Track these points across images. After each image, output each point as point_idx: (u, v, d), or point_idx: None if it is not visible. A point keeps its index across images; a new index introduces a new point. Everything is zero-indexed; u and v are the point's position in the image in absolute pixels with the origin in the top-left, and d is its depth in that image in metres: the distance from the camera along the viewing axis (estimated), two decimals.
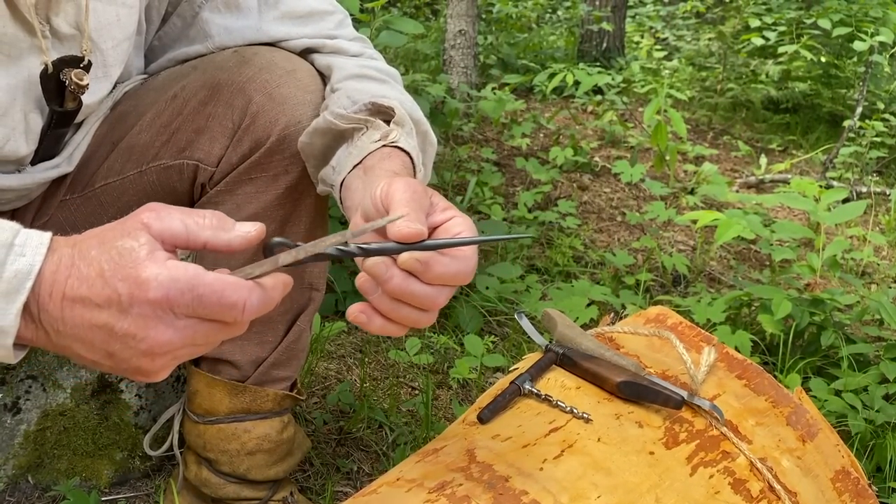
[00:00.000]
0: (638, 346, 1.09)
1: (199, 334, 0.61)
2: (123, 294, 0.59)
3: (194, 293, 0.59)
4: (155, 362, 0.61)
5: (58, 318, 0.59)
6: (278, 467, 1.10)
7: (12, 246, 0.58)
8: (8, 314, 0.58)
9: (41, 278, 0.59)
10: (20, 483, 1.14)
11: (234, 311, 0.61)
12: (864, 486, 1.01)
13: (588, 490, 0.79)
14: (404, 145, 0.86)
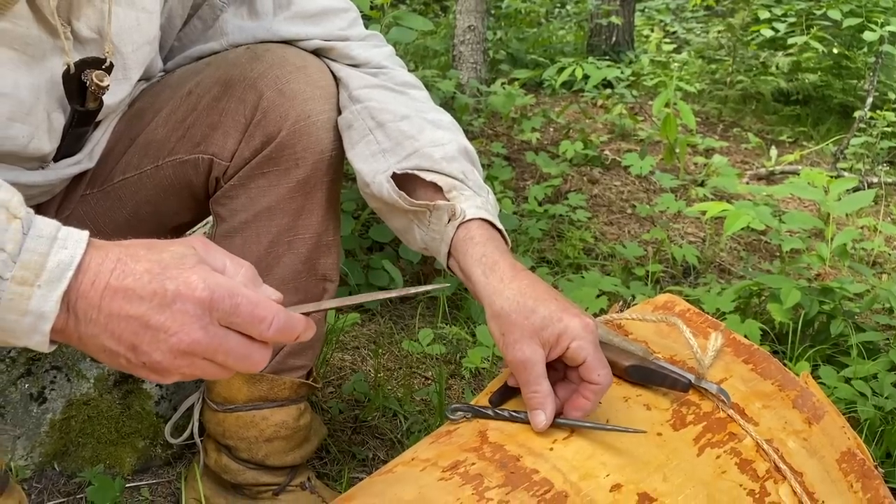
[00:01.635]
0: (646, 332, 1.11)
1: (225, 344, 0.64)
2: (170, 290, 0.62)
3: (233, 300, 0.64)
4: (175, 361, 0.64)
5: (94, 307, 0.62)
6: (296, 453, 1.13)
7: (55, 239, 0.62)
8: (49, 300, 0.60)
9: (83, 269, 0.62)
10: (47, 470, 1.18)
11: (262, 324, 0.65)
12: (869, 467, 1.03)
13: (597, 469, 0.81)
14: (473, 214, 0.93)
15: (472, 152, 1.02)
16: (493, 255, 0.90)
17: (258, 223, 1.04)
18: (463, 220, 0.92)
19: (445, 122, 1.03)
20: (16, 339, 0.62)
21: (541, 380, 0.84)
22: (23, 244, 0.60)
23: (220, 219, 1.07)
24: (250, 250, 1.05)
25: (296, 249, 1.05)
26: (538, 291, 0.86)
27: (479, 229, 0.92)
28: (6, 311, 0.60)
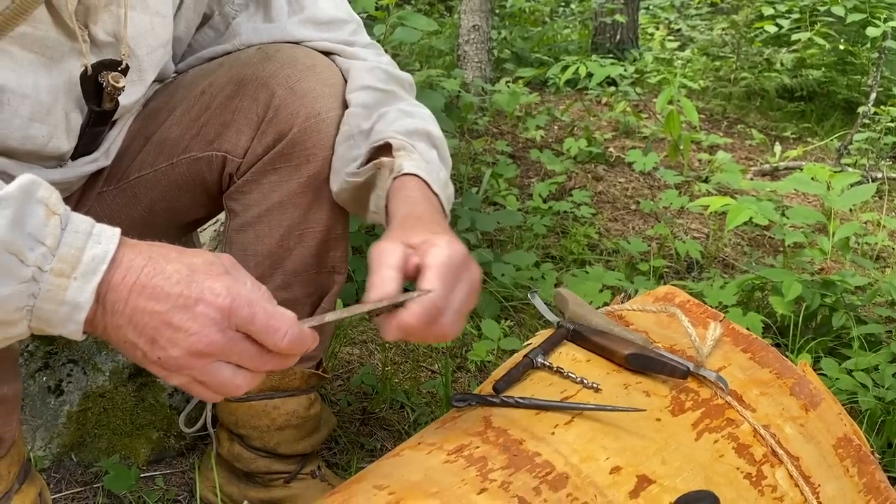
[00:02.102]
0: (647, 322, 1.14)
1: (239, 350, 0.68)
2: (195, 293, 0.66)
3: (251, 309, 0.68)
4: (190, 360, 0.67)
5: (122, 300, 0.66)
6: (306, 442, 1.17)
7: (91, 234, 0.66)
8: (85, 292, 0.65)
9: (115, 264, 0.66)
10: (64, 460, 1.21)
11: (276, 334, 0.69)
12: (866, 452, 1.05)
13: (597, 452, 0.84)
14: (409, 169, 0.95)
15: (434, 137, 1.04)
16: (414, 198, 0.92)
17: (270, 217, 1.07)
18: (400, 172, 0.94)
19: (419, 114, 1.06)
20: (51, 328, 0.66)
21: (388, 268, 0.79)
22: (61, 239, 0.64)
23: (233, 214, 1.10)
24: (262, 244, 1.08)
25: (306, 243, 1.08)
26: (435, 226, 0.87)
27: (413, 182, 0.94)
28: (45, 301, 0.64)
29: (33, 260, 0.64)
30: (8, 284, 0.63)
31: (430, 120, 1.07)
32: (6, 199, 0.63)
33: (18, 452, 0.92)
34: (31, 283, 0.64)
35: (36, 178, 0.67)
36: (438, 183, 0.97)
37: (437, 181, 0.97)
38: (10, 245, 0.63)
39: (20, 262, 0.63)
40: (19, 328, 0.66)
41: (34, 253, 0.64)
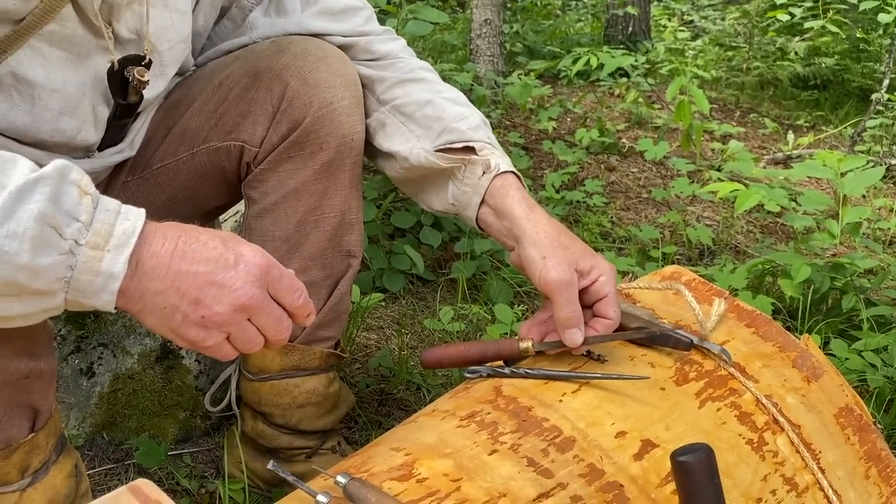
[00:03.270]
0: (653, 300, 1.17)
1: (269, 307, 0.75)
2: (233, 255, 0.74)
3: (280, 270, 0.76)
4: (233, 315, 0.74)
5: (164, 265, 0.72)
6: (326, 419, 1.21)
7: (119, 212, 0.72)
8: (118, 262, 0.70)
9: (147, 237, 0.72)
10: (96, 439, 1.27)
11: (295, 294, 0.77)
12: (867, 422, 1.08)
13: (603, 418, 0.88)
14: (506, 167, 1.05)
15: (487, 122, 1.13)
16: (532, 200, 1.03)
17: (287, 204, 1.12)
18: (498, 171, 1.04)
19: (462, 99, 1.15)
20: (87, 299, 0.71)
21: (576, 301, 0.95)
22: (94, 216, 0.70)
23: (251, 201, 1.15)
24: (280, 229, 1.13)
25: (322, 227, 1.13)
26: (571, 235, 1.01)
27: (515, 180, 1.04)
28: (81, 272, 0.70)
29: (70, 234, 0.69)
30: (49, 255, 0.68)
31: (470, 104, 1.15)
32: (45, 177, 0.69)
33: (55, 425, 0.97)
34: (69, 255, 0.69)
35: (68, 161, 0.72)
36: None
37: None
38: (50, 219, 0.68)
39: (59, 236, 0.69)
40: (56, 300, 0.71)
41: (70, 228, 0.69)
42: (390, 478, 0.74)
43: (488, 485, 0.75)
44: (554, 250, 0.96)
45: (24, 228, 0.67)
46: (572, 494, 0.76)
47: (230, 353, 0.77)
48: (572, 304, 0.94)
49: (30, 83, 0.92)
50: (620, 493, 0.79)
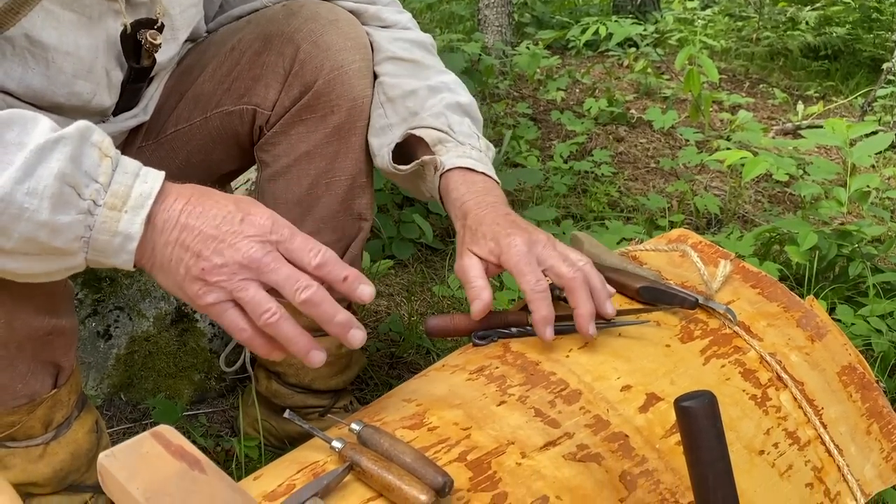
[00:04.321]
0: (659, 262, 1.19)
1: (276, 267, 0.73)
2: (241, 213, 0.75)
3: (291, 230, 0.75)
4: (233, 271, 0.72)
5: (173, 219, 0.74)
6: (338, 378, 1.24)
7: (138, 174, 0.74)
8: (135, 223, 0.72)
9: (163, 195, 0.74)
10: (114, 399, 1.30)
11: (311, 252, 0.75)
12: (869, 380, 1.10)
13: (609, 373, 0.90)
14: (451, 164, 1.04)
15: (465, 104, 1.12)
16: (465, 196, 1.01)
17: (299, 167, 1.13)
18: (442, 171, 1.04)
19: (446, 85, 1.14)
20: (106, 258, 0.74)
21: (475, 278, 0.94)
22: (112, 177, 0.72)
23: (264, 164, 1.17)
24: (292, 192, 1.14)
25: (333, 190, 1.15)
26: (499, 218, 0.97)
27: (458, 176, 1.03)
28: (99, 232, 0.72)
29: (88, 194, 0.71)
30: (68, 213, 0.70)
31: (456, 87, 1.15)
32: (66, 137, 0.71)
33: (76, 382, 1.00)
34: (87, 215, 0.71)
35: (90, 123, 0.74)
36: (479, 157, 1.06)
37: (478, 157, 1.06)
38: (70, 178, 0.70)
39: (78, 196, 0.71)
40: (77, 259, 0.74)
41: (89, 189, 0.71)
42: (402, 426, 0.77)
43: (497, 433, 0.77)
44: (462, 244, 0.98)
45: (43, 186, 0.69)
46: (579, 443, 0.79)
47: (239, 323, 0.74)
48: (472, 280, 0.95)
49: (43, 46, 0.93)
50: (625, 442, 0.81)
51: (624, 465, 0.78)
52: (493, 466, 0.73)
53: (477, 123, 1.13)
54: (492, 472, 0.72)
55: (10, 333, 0.85)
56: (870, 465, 1.01)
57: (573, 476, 0.74)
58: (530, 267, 0.91)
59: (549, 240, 0.95)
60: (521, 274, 0.91)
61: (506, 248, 0.93)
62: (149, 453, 0.65)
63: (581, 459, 0.77)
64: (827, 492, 0.92)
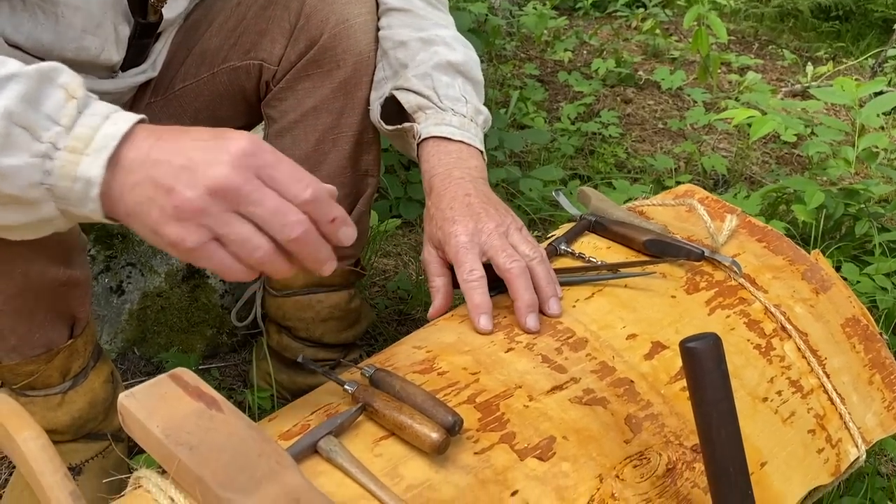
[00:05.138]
0: (666, 216, 1.20)
1: (258, 193, 0.64)
2: (216, 138, 0.66)
3: (276, 156, 0.66)
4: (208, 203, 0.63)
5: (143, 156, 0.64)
6: (348, 332, 1.26)
7: (108, 117, 0.66)
8: (95, 166, 0.64)
9: (133, 136, 0.65)
10: (128, 354, 1.32)
11: (300, 184, 0.66)
12: (873, 331, 1.12)
13: (615, 322, 0.92)
14: (427, 133, 1.01)
15: (459, 63, 1.07)
16: (434, 170, 0.99)
17: (305, 122, 1.14)
18: (419, 140, 1.02)
19: (441, 38, 1.09)
20: (74, 208, 0.67)
21: (433, 277, 0.95)
22: (77, 120, 0.65)
23: (271, 120, 1.17)
24: (300, 148, 1.15)
25: (340, 146, 1.15)
26: (454, 201, 0.94)
27: (432, 147, 1.01)
28: (59, 178, 0.65)
29: (48, 137, 0.64)
30: (17, 156, 0.63)
31: (454, 42, 1.10)
32: (20, 75, 0.64)
33: (91, 333, 1.02)
34: (45, 159, 0.64)
35: (60, 65, 0.68)
36: (461, 123, 1.02)
37: (460, 124, 1.02)
38: (19, 118, 0.64)
39: (32, 138, 0.64)
40: (46, 208, 0.66)
41: (49, 132, 0.64)
42: (412, 371, 0.79)
43: (505, 377, 0.79)
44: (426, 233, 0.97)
45: None
46: (585, 388, 0.80)
47: (227, 263, 0.66)
48: (429, 278, 0.95)
49: (53, 0, 0.93)
50: (631, 387, 0.83)
51: (629, 408, 0.80)
52: (501, 408, 0.75)
53: (473, 84, 1.09)
54: (500, 413, 0.74)
55: (26, 282, 0.87)
56: (871, 414, 1.03)
57: (579, 418, 0.76)
58: (468, 256, 0.90)
59: (500, 227, 0.92)
60: (458, 265, 0.90)
61: (446, 239, 0.91)
62: (167, 394, 0.67)
63: (587, 403, 0.79)
64: (828, 438, 0.94)
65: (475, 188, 0.95)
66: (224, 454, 0.61)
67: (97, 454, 1.06)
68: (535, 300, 0.87)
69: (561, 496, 0.68)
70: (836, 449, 0.94)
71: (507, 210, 0.96)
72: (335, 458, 0.66)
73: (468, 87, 1.07)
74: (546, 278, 0.90)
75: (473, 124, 1.04)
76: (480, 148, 1.03)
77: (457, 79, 1.07)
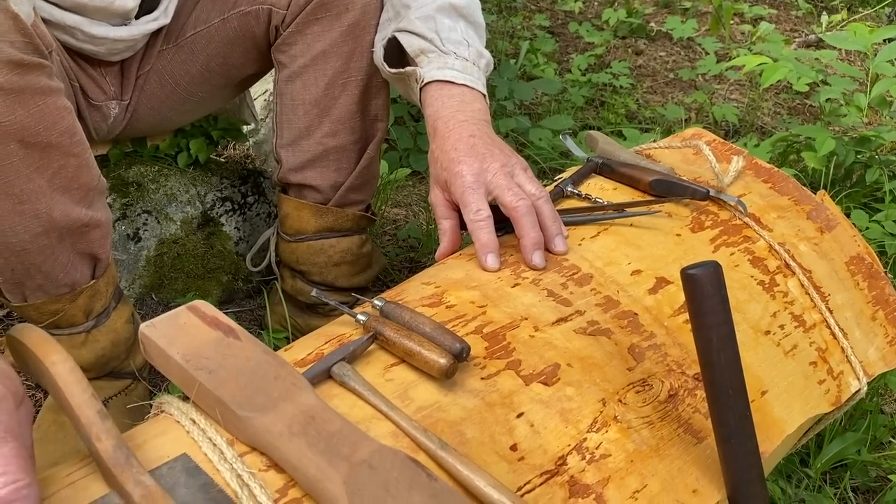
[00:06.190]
0: (673, 159, 1.21)
1: None
2: None
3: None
4: None
5: None
6: (360, 277, 1.29)
7: None
8: None
9: None
10: (146, 299, 1.36)
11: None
12: (877, 270, 1.13)
13: (620, 259, 0.94)
14: (430, 77, 1.01)
15: (461, 6, 1.07)
16: (438, 113, 0.99)
17: (315, 67, 1.15)
18: (422, 84, 1.02)
19: None
20: None
21: (440, 219, 0.96)
22: None
23: (281, 66, 1.18)
24: (309, 92, 1.17)
25: (349, 91, 1.17)
26: (458, 143, 0.95)
27: (435, 91, 1.01)
28: None
29: None
30: None
31: None
32: None
33: (112, 275, 1.05)
34: None
35: None
36: (463, 67, 1.02)
37: (462, 67, 1.02)
38: None
39: None
40: None
41: None
42: (421, 305, 0.81)
43: (511, 310, 0.81)
44: (432, 176, 0.97)
45: None
46: (589, 320, 0.83)
47: None
48: (437, 219, 0.96)
49: None
50: (634, 319, 0.85)
51: (633, 339, 0.82)
52: (507, 338, 0.77)
53: (475, 27, 1.09)
54: (506, 342, 0.76)
55: (51, 222, 0.90)
56: (874, 349, 1.05)
57: (583, 347, 0.79)
58: (474, 196, 0.90)
59: (505, 167, 0.92)
60: (464, 205, 0.91)
61: (452, 179, 0.92)
62: (186, 323, 0.69)
63: (591, 333, 0.81)
64: (830, 370, 0.96)
65: (479, 130, 0.96)
66: (242, 377, 0.64)
67: (120, 392, 1.10)
68: (540, 238, 0.89)
69: (565, 418, 0.71)
70: (838, 381, 0.97)
71: (512, 151, 0.97)
72: (348, 382, 0.68)
73: (470, 31, 1.08)
74: (551, 217, 0.91)
75: (476, 68, 1.04)
76: (483, 91, 1.03)
77: (459, 22, 1.07)
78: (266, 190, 1.48)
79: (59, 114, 0.87)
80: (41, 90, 0.84)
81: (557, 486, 0.66)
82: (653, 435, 0.73)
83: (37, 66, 0.83)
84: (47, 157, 0.87)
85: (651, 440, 0.73)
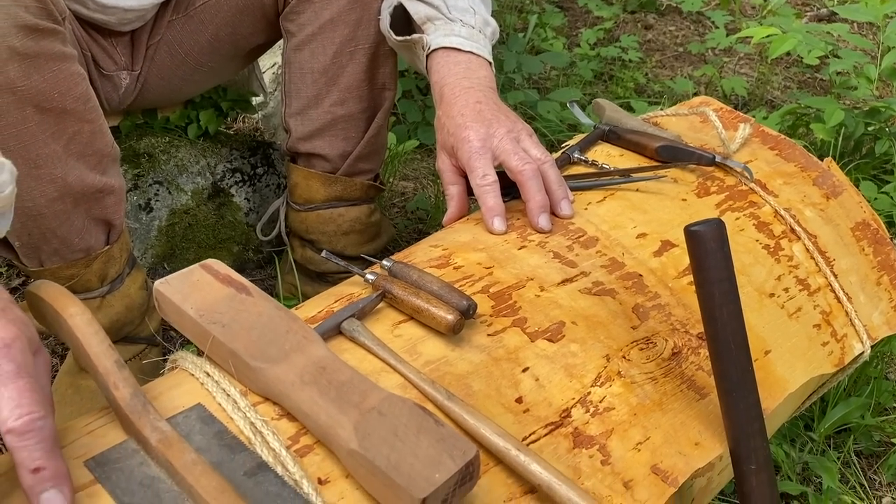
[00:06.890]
0: (680, 127, 1.21)
1: None
2: None
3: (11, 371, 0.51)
4: None
5: None
6: (369, 246, 1.30)
7: None
8: None
9: None
10: (158, 269, 1.38)
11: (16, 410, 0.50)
12: (882, 235, 1.14)
13: (625, 223, 0.95)
14: (437, 44, 1.01)
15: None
16: (444, 80, 1.00)
17: (323, 35, 1.16)
18: (428, 51, 1.02)
19: None
20: None
21: (447, 185, 0.97)
22: None
23: (289, 35, 1.19)
24: (317, 61, 1.17)
25: (357, 59, 1.17)
26: (465, 109, 0.95)
27: (441, 58, 1.01)
28: None
29: None
30: None
31: None
32: None
33: (125, 242, 1.07)
34: None
35: None
36: (469, 34, 1.03)
37: (468, 35, 1.03)
38: None
39: None
40: None
41: None
42: (429, 266, 0.82)
43: (517, 271, 0.82)
44: (439, 143, 0.98)
45: None
46: (594, 280, 0.84)
47: None
48: (444, 185, 0.96)
49: None
50: (639, 280, 0.86)
51: (637, 299, 0.84)
52: (513, 297, 0.78)
53: None
54: (512, 301, 0.78)
55: (66, 187, 0.92)
56: (878, 313, 1.06)
57: (588, 306, 0.80)
58: (481, 161, 0.91)
59: (511, 132, 0.93)
60: (470, 170, 0.92)
61: (458, 145, 0.93)
62: (199, 280, 0.71)
63: (596, 293, 0.82)
64: (834, 333, 0.97)
65: (485, 96, 0.97)
66: (254, 331, 0.66)
67: (134, 356, 1.12)
68: (546, 200, 0.90)
69: (570, 373, 0.72)
70: (841, 343, 0.98)
71: (517, 117, 0.98)
72: (358, 337, 0.70)
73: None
74: (557, 181, 0.92)
75: (482, 35, 1.05)
76: (489, 58, 1.04)
77: None
78: (275, 162, 1.49)
79: (73, 80, 0.88)
80: (56, 56, 0.85)
81: (562, 436, 0.67)
82: (656, 390, 0.75)
83: (51, 32, 0.84)
84: (62, 123, 0.88)
85: (654, 395, 0.74)
